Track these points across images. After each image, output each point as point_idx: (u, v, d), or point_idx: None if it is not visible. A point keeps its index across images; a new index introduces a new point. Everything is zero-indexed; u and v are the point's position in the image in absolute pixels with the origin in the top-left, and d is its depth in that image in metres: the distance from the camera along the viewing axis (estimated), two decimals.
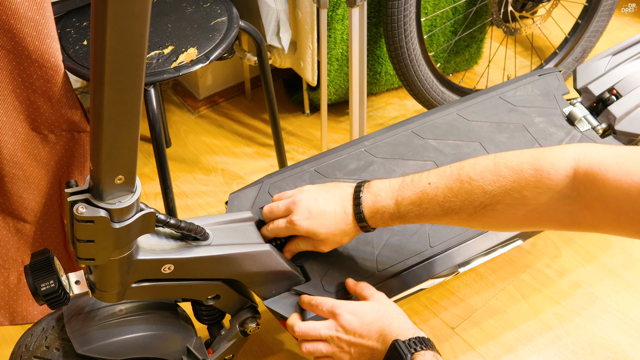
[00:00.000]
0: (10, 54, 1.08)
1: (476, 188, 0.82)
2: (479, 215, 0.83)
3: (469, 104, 1.25)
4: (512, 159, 0.81)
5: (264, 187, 1.09)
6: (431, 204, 0.86)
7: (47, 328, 0.93)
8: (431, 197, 0.86)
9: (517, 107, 1.23)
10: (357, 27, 1.47)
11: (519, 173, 0.79)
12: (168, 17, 1.26)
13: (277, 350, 1.35)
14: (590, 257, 1.52)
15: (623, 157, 0.73)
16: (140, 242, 0.81)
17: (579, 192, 0.76)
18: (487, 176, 0.81)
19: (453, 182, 0.84)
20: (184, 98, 1.96)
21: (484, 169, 0.82)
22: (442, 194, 0.85)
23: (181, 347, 0.99)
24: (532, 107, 1.25)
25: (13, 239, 1.32)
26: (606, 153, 0.75)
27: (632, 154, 0.73)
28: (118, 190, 0.69)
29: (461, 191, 0.83)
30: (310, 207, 0.92)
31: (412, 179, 0.89)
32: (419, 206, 0.87)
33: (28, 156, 1.22)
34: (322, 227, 0.92)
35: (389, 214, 0.90)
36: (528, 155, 0.80)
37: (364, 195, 0.91)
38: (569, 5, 1.90)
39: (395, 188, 0.90)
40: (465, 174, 0.84)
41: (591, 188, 0.75)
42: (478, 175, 0.82)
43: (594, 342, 1.34)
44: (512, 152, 0.83)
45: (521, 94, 1.26)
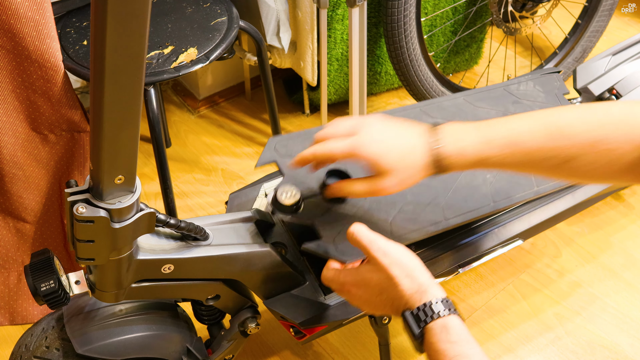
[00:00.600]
0: (10, 54, 1.08)
1: (564, 138, 0.78)
2: (566, 167, 0.79)
3: (474, 92, 1.23)
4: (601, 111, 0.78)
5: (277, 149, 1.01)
6: (517, 150, 0.80)
7: (47, 328, 0.93)
8: (517, 143, 0.80)
9: (521, 99, 1.22)
10: (357, 27, 1.47)
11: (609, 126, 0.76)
12: (168, 17, 1.26)
13: (277, 350, 1.35)
14: (590, 257, 1.52)
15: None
16: (140, 242, 0.81)
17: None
18: (576, 127, 0.77)
19: (540, 130, 0.79)
20: (184, 98, 1.96)
21: (573, 120, 0.78)
22: (528, 141, 0.79)
23: (181, 347, 0.99)
24: (535, 101, 1.24)
25: (13, 239, 1.32)
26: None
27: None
28: (118, 190, 0.69)
29: (548, 140, 0.79)
30: (381, 129, 0.82)
31: (497, 122, 0.82)
32: (502, 152, 0.80)
33: (28, 156, 1.22)
34: (389, 155, 0.81)
35: (470, 155, 0.81)
36: (617, 109, 0.77)
37: (445, 130, 0.82)
38: (569, 5, 1.90)
39: (480, 129, 0.82)
40: (553, 123, 0.79)
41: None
42: (567, 125, 0.78)
43: (594, 342, 1.34)
44: (601, 104, 0.80)
45: (524, 89, 1.26)
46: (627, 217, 1.60)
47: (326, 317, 0.97)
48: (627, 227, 1.58)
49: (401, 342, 1.36)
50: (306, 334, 0.97)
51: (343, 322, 1.02)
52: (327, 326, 0.99)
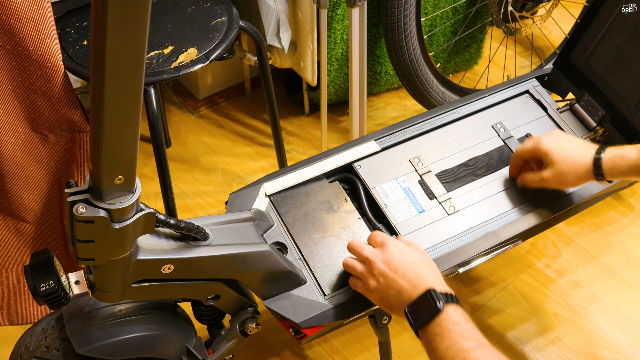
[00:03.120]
0: (10, 54, 1.08)
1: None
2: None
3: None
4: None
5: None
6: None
7: (47, 328, 0.93)
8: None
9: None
10: (357, 27, 1.47)
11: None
12: (168, 17, 1.26)
13: (277, 350, 1.35)
14: (590, 257, 1.52)
15: None
16: (140, 242, 0.81)
17: None
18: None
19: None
20: (184, 98, 1.96)
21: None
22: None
23: (181, 347, 0.99)
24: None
25: (13, 239, 1.32)
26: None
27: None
28: (118, 191, 0.69)
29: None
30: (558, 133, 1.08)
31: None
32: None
33: (28, 156, 1.22)
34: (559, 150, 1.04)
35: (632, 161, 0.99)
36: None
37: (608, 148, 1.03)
38: (569, 5, 1.89)
39: None
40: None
41: None
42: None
43: (594, 342, 1.34)
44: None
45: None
46: (627, 217, 1.60)
47: (326, 317, 0.97)
48: (627, 227, 1.58)
49: (401, 342, 1.36)
50: (306, 334, 0.97)
51: (343, 322, 1.02)
52: (327, 326, 0.99)
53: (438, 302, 0.83)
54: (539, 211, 1.12)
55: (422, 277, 0.88)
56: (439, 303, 0.83)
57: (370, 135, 1.19)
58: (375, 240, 0.95)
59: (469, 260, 1.07)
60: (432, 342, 0.82)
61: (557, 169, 1.05)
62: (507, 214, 1.12)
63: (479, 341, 0.79)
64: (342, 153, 1.15)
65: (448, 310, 0.82)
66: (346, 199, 1.11)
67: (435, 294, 0.84)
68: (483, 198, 1.14)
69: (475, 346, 0.78)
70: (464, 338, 0.79)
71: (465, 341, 0.79)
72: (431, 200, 1.12)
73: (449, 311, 0.82)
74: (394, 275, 0.89)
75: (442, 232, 1.08)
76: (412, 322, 0.85)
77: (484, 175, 1.17)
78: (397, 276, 0.89)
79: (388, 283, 0.89)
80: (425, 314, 0.83)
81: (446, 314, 0.82)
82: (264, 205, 1.07)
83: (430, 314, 0.83)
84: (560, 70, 1.32)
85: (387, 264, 0.90)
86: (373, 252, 0.93)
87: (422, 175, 1.15)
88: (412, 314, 0.85)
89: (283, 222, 1.06)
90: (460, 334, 0.80)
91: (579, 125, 1.28)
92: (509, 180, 1.16)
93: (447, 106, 1.25)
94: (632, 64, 1.22)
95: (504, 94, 1.29)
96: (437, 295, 0.84)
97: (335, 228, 1.07)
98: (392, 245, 0.92)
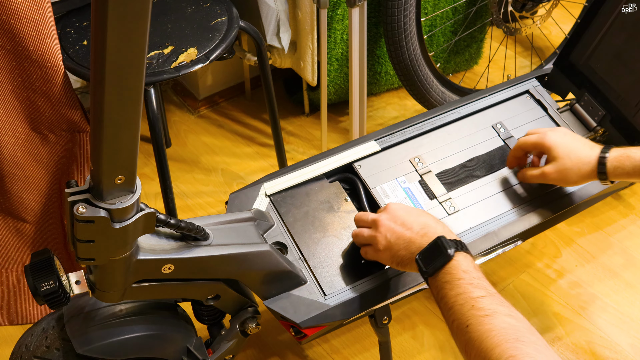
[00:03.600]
0: (10, 54, 1.08)
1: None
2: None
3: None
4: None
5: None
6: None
7: (48, 328, 0.93)
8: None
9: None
10: (357, 27, 1.47)
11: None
12: (168, 17, 1.26)
13: (277, 350, 1.35)
14: (590, 257, 1.52)
15: None
16: (141, 242, 0.81)
17: None
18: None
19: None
20: (184, 98, 1.96)
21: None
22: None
23: (181, 347, 0.99)
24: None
25: (13, 239, 1.32)
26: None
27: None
28: (118, 191, 0.69)
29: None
30: (564, 130, 1.09)
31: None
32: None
33: (28, 156, 1.22)
34: (564, 146, 1.04)
35: (637, 161, 0.99)
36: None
37: (613, 149, 1.02)
38: (569, 5, 1.90)
39: None
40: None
41: None
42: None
43: (594, 342, 1.35)
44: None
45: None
46: (627, 217, 1.60)
47: (326, 317, 0.97)
48: (627, 227, 1.58)
49: (401, 342, 1.36)
50: (306, 334, 0.97)
51: (343, 322, 1.02)
52: (327, 326, 0.99)
53: (449, 248, 0.83)
54: (539, 211, 1.12)
55: (431, 225, 0.89)
56: (449, 250, 0.83)
57: (370, 135, 1.19)
58: (380, 209, 0.97)
59: None
60: (442, 290, 0.82)
61: (560, 165, 1.04)
62: (507, 214, 1.12)
63: (487, 290, 0.79)
64: (342, 153, 1.15)
65: (458, 257, 0.83)
66: (346, 198, 1.11)
67: (445, 240, 0.85)
68: (483, 198, 1.14)
69: (484, 294, 0.78)
70: (473, 286, 0.80)
71: (474, 289, 0.79)
72: (431, 200, 1.12)
73: (459, 259, 0.83)
74: (400, 228, 0.91)
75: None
76: (423, 270, 0.85)
77: (484, 175, 1.17)
78: (404, 228, 0.90)
79: (396, 236, 0.90)
80: (437, 260, 0.83)
81: (456, 261, 0.82)
82: (264, 205, 1.07)
83: (442, 260, 0.83)
84: (561, 70, 1.32)
85: (393, 220, 0.92)
86: (378, 214, 0.95)
87: (422, 175, 1.15)
88: (423, 262, 0.85)
89: (283, 222, 1.06)
90: (470, 282, 0.80)
91: (579, 125, 1.28)
92: (509, 180, 1.16)
93: (447, 106, 1.25)
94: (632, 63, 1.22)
95: (504, 94, 1.29)
96: (447, 242, 0.84)
97: (336, 228, 1.07)
98: (394, 205, 0.95)
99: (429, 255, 0.85)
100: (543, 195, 1.14)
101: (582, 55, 1.29)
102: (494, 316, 0.75)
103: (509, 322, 0.74)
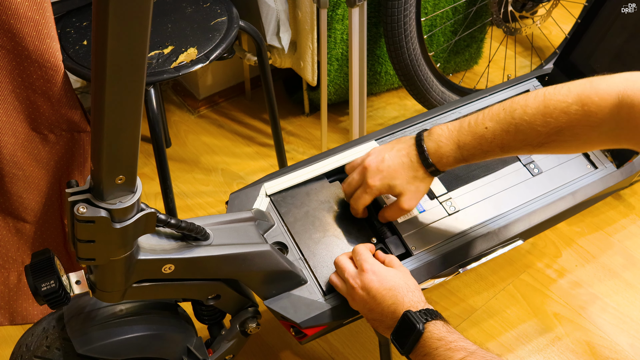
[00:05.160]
0: (10, 54, 1.08)
1: (531, 131, 0.89)
2: (538, 151, 0.92)
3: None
4: (560, 100, 0.87)
5: None
6: (491, 147, 0.93)
7: (48, 328, 0.93)
8: (490, 140, 0.93)
9: None
10: (357, 27, 1.47)
11: (569, 115, 0.86)
12: (168, 17, 1.26)
13: (277, 350, 1.35)
14: (590, 257, 1.52)
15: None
16: (141, 242, 0.81)
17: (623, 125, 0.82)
18: (539, 118, 0.88)
19: (508, 125, 0.91)
20: (184, 98, 1.96)
21: (535, 111, 0.88)
22: (500, 137, 0.92)
23: (181, 347, 0.99)
24: None
25: (13, 239, 1.32)
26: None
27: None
28: (119, 190, 0.69)
29: (518, 134, 0.90)
30: (379, 166, 0.99)
31: (469, 124, 0.95)
32: (480, 149, 0.94)
33: (28, 156, 1.21)
34: (395, 180, 0.99)
35: (453, 158, 0.96)
36: (575, 95, 0.86)
37: (426, 143, 0.97)
38: (569, 5, 1.90)
39: (454, 133, 0.96)
40: (518, 117, 0.90)
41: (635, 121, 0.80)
42: (531, 118, 0.89)
43: (594, 342, 1.35)
44: (559, 89, 0.88)
45: None
46: (627, 217, 1.60)
47: (326, 317, 0.97)
48: (627, 227, 1.58)
49: None
50: (306, 334, 0.97)
51: (343, 322, 1.02)
52: (327, 326, 0.99)
53: (417, 323, 0.83)
54: (539, 211, 1.12)
55: (399, 302, 0.88)
56: (418, 325, 0.83)
57: (370, 135, 1.19)
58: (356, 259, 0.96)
59: (469, 260, 1.07)
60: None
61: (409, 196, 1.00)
62: (507, 214, 1.12)
63: (467, 350, 0.79)
64: (342, 153, 1.15)
65: (429, 328, 0.83)
66: None
67: (412, 316, 0.84)
68: (483, 198, 1.14)
69: (465, 355, 0.78)
70: (452, 350, 0.80)
71: (454, 353, 0.79)
72: (431, 200, 1.12)
73: (430, 329, 0.83)
74: (372, 302, 0.90)
75: (443, 231, 1.08)
76: (400, 350, 0.85)
77: (484, 175, 1.17)
78: (376, 303, 0.90)
79: (369, 308, 0.91)
80: (410, 338, 0.83)
81: (428, 332, 0.83)
82: (264, 205, 1.07)
83: (415, 337, 0.83)
84: (561, 70, 1.32)
85: (366, 291, 0.91)
86: (353, 276, 0.93)
87: None
88: (397, 342, 0.86)
89: (283, 222, 1.06)
90: (448, 347, 0.80)
91: None
92: (509, 180, 1.17)
93: (447, 106, 1.25)
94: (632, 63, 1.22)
95: (504, 94, 1.29)
96: (415, 317, 0.84)
97: (336, 228, 1.07)
98: (369, 269, 0.92)
99: (401, 334, 0.85)
100: (543, 195, 1.15)
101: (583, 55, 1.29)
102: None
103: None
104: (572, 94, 0.86)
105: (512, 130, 0.90)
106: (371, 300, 0.90)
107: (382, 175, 0.99)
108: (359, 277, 0.92)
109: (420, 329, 0.83)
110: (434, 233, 1.08)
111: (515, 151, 0.93)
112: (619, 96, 0.82)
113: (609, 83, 0.84)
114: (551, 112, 0.87)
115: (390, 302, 0.88)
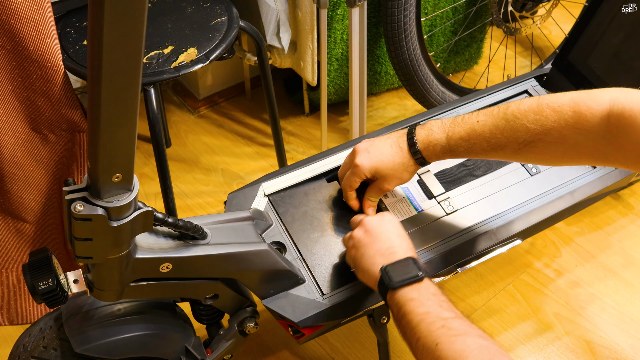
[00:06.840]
0: (10, 54, 1.08)
1: (520, 126, 0.90)
2: (523, 151, 0.92)
3: None
4: (554, 101, 0.88)
5: None
6: (479, 140, 0.94)
7: (45, 328, 0.93)
8: (479, 133, 0.94)
9: None
10: (357, 27, 1.47)
11: (560, 114, 0.87)
12: (168, 17, 1.27)
13: (276, 350, 1.35)
14: (590, 257, 1.52)
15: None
16: (139, 241, 0.81)
17: (612, 134, 0.82)
18: (530, 115, 0.89)
19: (499, 120, 0.92)
20: (184, 98, 1.96)
21: (527, 109, 0.90)
22: (488, 130, 0.93)
23: (180, 346, 0.99)
24: None
25: (13, 239, 1.33)
26: (638, 99, 0.81)
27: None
28: (116, 189, 0.69)
29: (506, 128, 0.91)
30: (368, 148, 1.02)
31: (463, 118, 0.97)
32: (468, 141, 0.95)
33: (28, 156, 1.22)
34: (382, 163, 1.01)
35: (440, 147, 0.98)
36: (569, 98, 0.87)
37: (417, 132, 1.00)
38: (569, 5, 1.89)
39: (447, 125, 0.98)
40: (510, 113, 0.91)
41: (623, 131, 0.81)
42: (522, 114, 0.90)
43: (594, 342, 1.34)
44: (555, 94, 0.89)
45: None
46: (627, 216, 1.60)
47: (324, 316, 0.97)
48: (627, 227, 1.58)
49: (400, 342, 1.36)
50: (304, 333, 0.97)
51: (341, 322, 1.02)
52: (325, 325, 0.99)
53: (420, 270, 0.85)
54: (538, 210, 1.12)
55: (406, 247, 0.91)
56: (420, 272, 0.85)
57: (370, 135, 1.19)
58: (354, 221, 1.00)
59: (467, 259, 1.07)
60: (405, 306, 0.82)
61: (391, 180, 1.03)
62: (506, 213, 1.12)
63: (456, 313, 0.81)
64: (342, 153, 1.15)
65: (428, 281, 0.85)
66: None
67: (418, 263, 0.87)
68: (481, 197, 1.14)
69: (454, 316, 0.79)
70: (443, 308, 0.81)
71: (443, 311, 0.80)
72: (430, 199, 1.12)
73: (428, 282, 0.85)
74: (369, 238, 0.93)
75: (441, 231, 1.08)
76: (387, 281, 0.85)
77: (482, 175, 1.17)
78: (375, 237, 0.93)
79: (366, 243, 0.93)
80: (406, 275, 0.85)
81: (426, 283, 0.84)
82: (262, 205, 1.08)
83: (412, 277, 0.84)
84: (559, 70, 1.32)
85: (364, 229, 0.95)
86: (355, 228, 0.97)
87: (421, 174, 1.15)
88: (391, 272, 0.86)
89: (282, 221, 1.06)
90: (439, 304, 0.81)
91: None
92: (508, 180, 1.16)
93: (446, 106, 1.25)
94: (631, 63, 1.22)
95: (504, 94, 1.29)
96: (419, 266, 0.86)
97: (334, 228, 1.07)
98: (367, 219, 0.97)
99: (398, 269, 0.86)
100: (542, 194, 1.14)
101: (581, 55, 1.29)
102: (465, 336, 0.75)
103: (480, 343, 0.75)
104: (566, 97, 0.88)
105: (501, 124, 0.92)
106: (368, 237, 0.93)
107: (370, 156, 1.01)
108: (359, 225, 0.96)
109: (421, 275, 0.84)
110: (431, 232, 1.08)
111: (500, 149, 0.93)
112: (610, 102, 0.83)
113: (603, 91, 0.85)
114: (543, 110, 0.88)
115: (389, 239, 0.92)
